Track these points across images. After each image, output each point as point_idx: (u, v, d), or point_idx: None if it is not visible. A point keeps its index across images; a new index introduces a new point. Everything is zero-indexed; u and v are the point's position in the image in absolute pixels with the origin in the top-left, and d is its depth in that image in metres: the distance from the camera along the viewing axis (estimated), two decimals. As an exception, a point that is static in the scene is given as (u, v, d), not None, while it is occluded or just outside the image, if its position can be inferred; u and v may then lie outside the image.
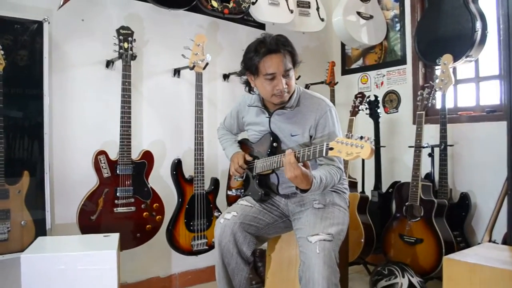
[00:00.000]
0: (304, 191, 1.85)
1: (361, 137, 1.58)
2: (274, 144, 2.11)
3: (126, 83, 2.56)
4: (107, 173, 2.53)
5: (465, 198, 2.99)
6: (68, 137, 2.67)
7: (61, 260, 2.00)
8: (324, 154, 1.68)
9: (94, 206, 2.50)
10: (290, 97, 2.08)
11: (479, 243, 2.60)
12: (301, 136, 2.07)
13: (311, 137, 2.06)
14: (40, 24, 2.46)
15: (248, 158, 2.22)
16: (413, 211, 2.89)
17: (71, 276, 2.00)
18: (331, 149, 1.65)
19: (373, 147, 1.57)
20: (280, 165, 1.94)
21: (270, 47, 1.95)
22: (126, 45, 2.58)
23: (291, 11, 3.32)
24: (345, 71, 4.10)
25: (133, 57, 2.60)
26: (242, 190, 2.32)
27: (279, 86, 1.97)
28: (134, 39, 2.62)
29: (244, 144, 2.39)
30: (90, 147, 2.60)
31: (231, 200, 2.42)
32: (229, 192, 2.45)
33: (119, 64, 2.68)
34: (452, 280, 1.78)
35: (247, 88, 2.19)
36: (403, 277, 2.61)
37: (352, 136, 1.61)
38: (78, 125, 2.71)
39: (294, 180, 1.79)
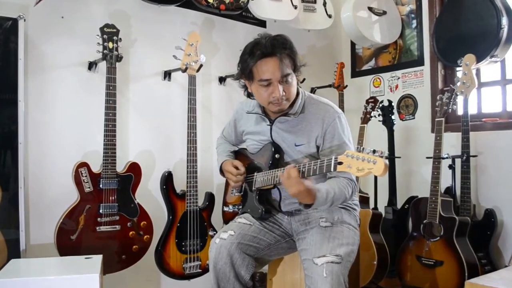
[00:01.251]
0: (308, 206, 1.87)
1: (374, 151, 1.59)
2: (276, 155, 2.12)
3: (111, 87, 2.57)
4: (89, 187, 2.53)
5: (490, 215, 2.98)
6: (46, 147, 2.68)
7: (37, 285, 1.99)
8: (332, 169, 1.70)
9: (74, 225, 2.49)
10: (293, 103, 2.10)
11: (506, 266, 2.60)
12: (306, 146, 2.08)
13: (318, 147, 2.08)
14: (14, 21, 2.47)
15: (240, 166, 2.23)
16: (432, 230, 2.89)
17: (48, 303, 1.99)
18: (340, 163, 1.67)
19: (387, 163, 1.57)
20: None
21: (264, 50, 1.96)
22: (111, 45, 2.60)
23: (295, 7, 3.35)
24: (356, 73, 4.12)
25: (119, 58, 2.62)
26: (240, 206, 2.33)
27: (275, 93, 1.98)
28: (120, 39, 2.63)
29: (242, 155, 2.41)
30: (70, 159, 2.61)
31: (227, 217, 2.43)
32: (226, 209, 2.45)
33: (103, 66, 2.70)
34: (476, 307, 1.78)
35: (246, 93, 2.21)
36: (421, 304, 2.61)
37: (363, 150, 1.62)
38: (57, 134, 2.72)
39: (297, 195, 1.82)
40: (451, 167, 3.07)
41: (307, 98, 2.15)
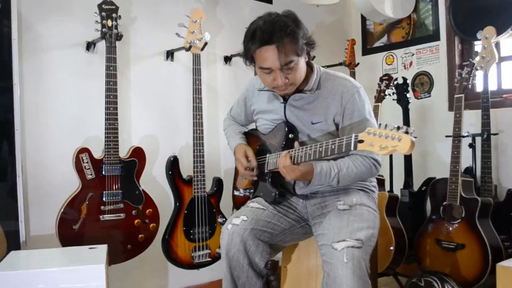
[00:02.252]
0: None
1: (398, 127, 1.51)
2: (290, 135, 2.06)
3: (111, 68, 2.52)
4: (91, 174, 2.48)
5: (513, 195, 2.92)
6: (44, 133, 2.63)
7: (39, 277, 1.93)
8: (352, 148, 1.64)
9: (76, 214, 2.45)
10: (308, 79, 2.03)
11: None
12: (324, 123, 2.02)
13: (337, 125, 2.02)
14: (6, 0, 2.40)
15: (252, 158, 2.19)
16: (452, 212, 2.83)
17: (51, 296, 1.94)
18: (361, 141, 1.60)
19: (414, 140, 1.49)
20: (298, 160, 1.89)
21: (263, 37, 1.87)
22: (110, 23, 2.54)
23: (303, -20, 3.26)
24: (367, 51, 4.05)
25: (119, 37, 2.56)
26: (252, 190, 2.26)
27: (277, 81, 1.93)
28: (119, 16, 2.57)
29: (252, 136, 2.34)
30: (70, 145, 2.56)
31: (238, 202, 2.37)
32: (236, 193, 2.39)
33: (102, 46, 2.64)
34: (509, 292, 1.72)
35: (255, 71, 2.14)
36: (444, 289, 2.56)
37: (387, 126, 1.54)
38: (56, 119, 2.67)
39: (296, 179, 1.95)
40: (472, 145, 3.01)
41: (322, 74, 2.08)
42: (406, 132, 1.49)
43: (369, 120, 1.99)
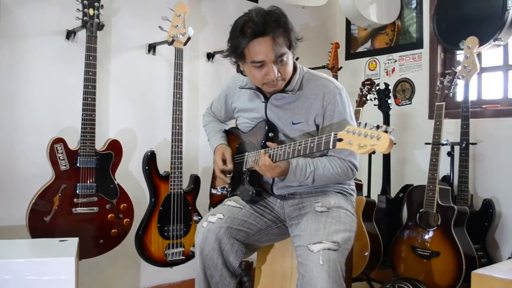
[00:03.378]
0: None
1: (378, 126, 1.52)
2: (270, 134, 2.05)
3: (91, 58, 2.47)
4: (65, 165, 2.43)
5: (488, 205, 2.94)
6: (17, 122, 2.58)
7: (5, 268, 1.88)
8: (331, 146, 1.64)
9: (48, 206, 2.40)
10: (290, 79, 2.02)
11: (509, 257, 2.57)
12: (304, 124, 2.02)
13: (317, 126, 2.02)
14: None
15: (228, 162, 2.20)
16: (428, 220, 2.85)
17: (17, 288, 1.90)
18: (340, 140, 1.60)
19: (392, 139, 1.50)
20: (277, 158, 1.87)
21: (256, 29, 1.85)
22: (91, 11, 2.49)
23: (290, -19, 3.26)
24: (350, 55, 4.06)
25: (100, 26, 2.51)
26: (230, 189, 2.25)
27: (270, 75, 1.91)
28: (102, 5, 2.53)
29: (232, 134, 2.32)
30: (44, 135, 2.52)
31: (215, 201, 2.35)
32: (214, 191, 2.37)
33: (82, 35, 2.59)
34: (482, 300, 1.73)
35: (238, 69, 2.13)
36: (416, 296, 2.57)
37: (366, 125, 1.54)
38: (31, 107, 2.61)
39: (274, 177, 1.95)
40: (450, 154, 3.04)
41: (305, 74, 2.08)
42: (386, 131, 1.49)
43: (349, 123, 2.00)
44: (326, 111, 1.98)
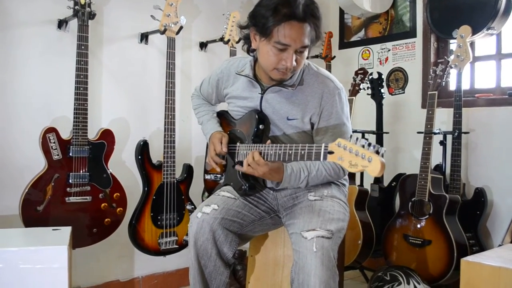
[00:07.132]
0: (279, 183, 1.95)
1: (370, 144, 1.47)
2: (261, 126, 2.01)
3: (83, 47, 2.47)
4: (58, 155, 2.44)
5: (480, 194, 2.97)
6: (10, 111, 2.57)
7: (-2, 257, 1.91)
8: (321, 159, 1.62)
9: (41, 195, 2.41)
10: None
11: (499, 245, 2.60)
12: (300, 121, 2.00)
13: (312, 124, 2.01)
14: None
15: (224, 146, 2.14)
16: (420, 208, 2.87)
17: (10, 276, 1.90)
18: (331, 153, 1.57)
19: (384, 162, 1.44)
20: (268, 158, 1.86)
21: (296, 13, 1.79)
22: (82, 0, 2.49)
23: (283, -31, 3.24)
24: (344, 44, 4.05)
25: (92, 15, 2.51)
26: (222, 176, 2.24)
27: (287, 62, 1.86)
28: (94, -6, 2.53)
29: (223, 118, 2.30)
30: (37, 124, 2.52)
31: (209, 186, 2.36)
32: (207, 177, 2.36)
33: (74, 24, 2.59)
34: (472, 286, 1.75)
35: (245, 47, 2.07)
36: (408, 283, 2.60)
37: (358, 140, 1.50)
38: (23, 97, 2.61)
39: (263, 177, 1.92)
40: (442, 143, 3.05)
41: (306, 68, 2.04)
42: (377, 152, 1.45)
43: (346, 125, 2.00)
44: (323, 111, 1.97)
